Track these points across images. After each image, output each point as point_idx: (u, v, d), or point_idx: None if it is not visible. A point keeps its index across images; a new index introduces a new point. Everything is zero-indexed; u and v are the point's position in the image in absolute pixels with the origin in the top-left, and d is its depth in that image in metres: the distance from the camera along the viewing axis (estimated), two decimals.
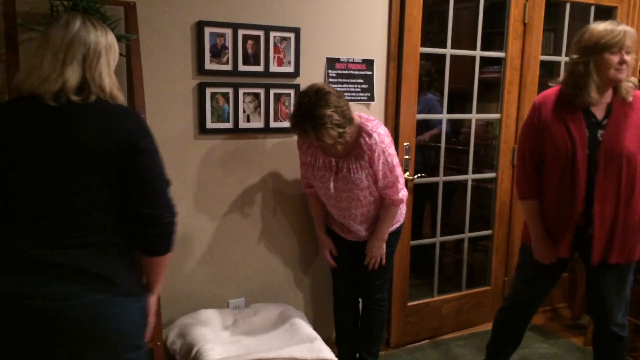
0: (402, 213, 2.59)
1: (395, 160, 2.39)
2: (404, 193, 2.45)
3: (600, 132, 2.17)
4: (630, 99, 2.19)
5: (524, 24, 3.19)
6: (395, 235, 2.59)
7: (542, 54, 3.30)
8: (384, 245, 2.52)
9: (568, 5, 3.37)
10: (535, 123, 2.28)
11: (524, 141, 2.34)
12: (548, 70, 3.56)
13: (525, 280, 2.47)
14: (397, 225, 2.58)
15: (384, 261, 2.54)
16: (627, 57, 2.13)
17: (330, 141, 2.22)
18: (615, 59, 2.11)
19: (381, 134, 2.34)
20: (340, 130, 2.21)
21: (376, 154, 2.32)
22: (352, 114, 2.30)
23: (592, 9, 3.43)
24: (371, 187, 2.39)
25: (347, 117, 2.25)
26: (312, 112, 2.17)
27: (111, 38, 1.58)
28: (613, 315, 2.30)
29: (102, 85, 1.51)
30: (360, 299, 2.74)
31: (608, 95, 2.21)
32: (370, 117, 2.41)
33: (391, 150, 2.37)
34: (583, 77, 2.15)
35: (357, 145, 2.34)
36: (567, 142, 2.18)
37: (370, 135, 2.32)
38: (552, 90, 2.30)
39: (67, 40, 1.48)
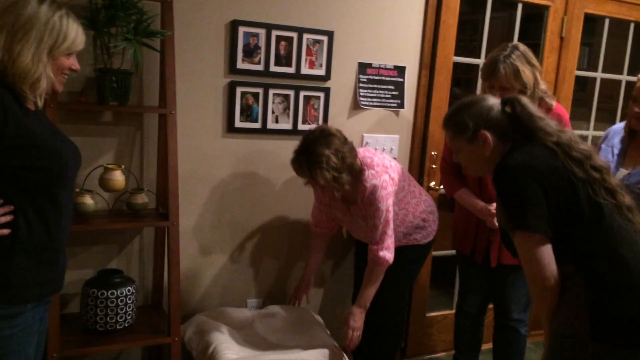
0: (432, 228, 2.53)
1: (386, 216, 2.26)
2: (387, 255, 2.30)
3: None
4: None
5: (561, 38, 3.13)
6: (419, 250, 2.52)
7: (576, 69, 3.24)
8: (364, 317, 2.37)
9: (607, 21, 3.30)
10: None
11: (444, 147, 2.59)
12: (581, 86, 3.49)
13: (465, 285, 2.70)
14: (426, 240, 2.51)
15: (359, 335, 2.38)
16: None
17: (322, 182, 2.16)
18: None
19: (376, 186, 2.23)
20: (336, 174, 2.15)
21: (365, 201, 2.26)
22: (354, 162, 2.23)
23: (632, 25, 3.36)
24: None
25: (347, 164, 2.19)
26: (311, 148, 2.15)
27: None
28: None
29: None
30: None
31: None
32: (379, 160, 2.30)
33: (385, 203, 2.25)
34: None
35: (356, 191, 2.29)
36: None
37: (364, 183, 2.24)
38: None
39: None
